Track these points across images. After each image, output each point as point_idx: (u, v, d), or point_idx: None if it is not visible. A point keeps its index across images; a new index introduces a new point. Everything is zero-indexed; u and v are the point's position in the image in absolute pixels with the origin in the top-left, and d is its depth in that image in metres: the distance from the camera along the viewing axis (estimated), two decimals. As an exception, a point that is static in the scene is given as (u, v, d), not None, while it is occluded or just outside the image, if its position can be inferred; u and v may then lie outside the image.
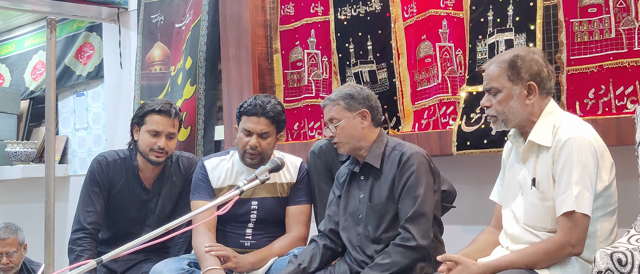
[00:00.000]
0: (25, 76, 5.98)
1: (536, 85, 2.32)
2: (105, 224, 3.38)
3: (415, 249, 2.57)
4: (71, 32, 5.62)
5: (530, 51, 2.36)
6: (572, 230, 2.15)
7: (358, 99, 2.76)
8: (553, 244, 2.20)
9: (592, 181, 2.18)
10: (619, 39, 2.72)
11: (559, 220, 2.19)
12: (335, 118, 2.76)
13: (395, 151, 2.71)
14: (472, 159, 3.13)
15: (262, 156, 3.05)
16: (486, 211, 2.64)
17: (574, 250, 2.17)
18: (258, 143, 3.03)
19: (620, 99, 2.75)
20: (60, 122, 5.83)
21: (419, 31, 3.39)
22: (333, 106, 2.77)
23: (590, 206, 2.17)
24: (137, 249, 2.16)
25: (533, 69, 2.32)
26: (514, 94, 2.32)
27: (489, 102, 2.38)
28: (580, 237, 2.16)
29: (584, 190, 2.16)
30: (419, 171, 2.62)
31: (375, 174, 2.73)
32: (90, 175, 3.33)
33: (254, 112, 3.03)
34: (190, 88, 4.51)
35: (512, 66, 2.32)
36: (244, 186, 2.43)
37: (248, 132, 3.04)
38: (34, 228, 3.71)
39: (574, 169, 2.17)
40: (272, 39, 4.13)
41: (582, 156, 2.18)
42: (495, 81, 2.35)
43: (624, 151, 2.57)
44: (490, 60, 2.49)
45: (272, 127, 3.06)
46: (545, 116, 2.32)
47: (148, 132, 3.24)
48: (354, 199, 2.79)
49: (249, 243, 3.14)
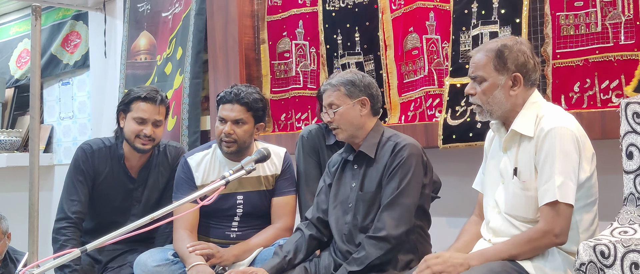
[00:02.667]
0: (10, 64, 5.93)
1: (521, 76, 2.32)
2: (90, 214, 3.35)
3: (386, 240, 2.56)
4: (57, 21, 5.57)
5: (518, 41, 2.36)
6: (555, 219, 2.16)
7: (359, 86, 2.73)
8: (535, 233, 2.20)
9: (575, 171, 2.19)
10: (605, 32, 2.73)
11: (542, 210, 2.19)
12: (335, 104, 2.72)
13: (390, 141, 2.69)
14: (457, 151, 3.14)
15: (238, 144, 3.03)
16: (471, 203, 2.65)
17: (557, 240, 2.17)
18: (232, 130, 3.01)
19: (605, 93, 2.76)
20: (45, 110, 5.79)
21: (407, 23, 3.39)
22: (333, 91, 2.74)
23: (573, 196, 2.17)
24: (121, 239, 2.13)
25: (519, 60, 2.32)
26: (499, 84, 2.33)
27: (473, 89, 2.38)
28: (564, 226, 2.17)
29: (567, 180, 2.17)
30: (408, 161, 2.61)
31: (369, 163, 2.71)
32: (75, 163, 3.30)
33: (228, 100, 3.03)
34: (179, 78, 4.49)
35: (498, 56, 2.33)
36: (229, 176, 2.42)
37: (222, 119, 3.03)
38: (19, 217, 3.69)
39: (557, 158, 2.18)
40: (260, 29, 4.12)
41: (565, 146, 2.19)
42: (481, 69, 2.35)
43: (609, 145, 2.58)
44: (477, 47, 2.49)
45: (247, 114, 3.03)
46: (529, 106, 2.33)
47: (134, 120, 3.21)
48: (345, 187, 2.77)
49: (235, 234, 3.13)
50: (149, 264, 2.97)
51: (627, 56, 2.69)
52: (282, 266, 2.75)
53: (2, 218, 3.75)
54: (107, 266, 3.30)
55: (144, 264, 2.97)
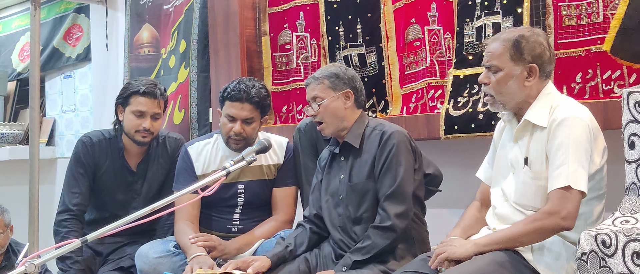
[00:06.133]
0: (13, 57, 5.93)
1: (537, 67, 2.30)
2: (91, 207, 3.36)
3: (391, 229, 2.57)
4: (59, 14, 5.57)
5: (535, 32, 2.35)
6: (563, 202, 2.13)
7: (343, 79, 2.74)
8: (541, 213, 2.17)
9: (588, 161, 2.18)
10: (606, 23, 2.71)
11: (551, 194, 2.16)
12: (319, 97, 2.73)
13: (375, 131, 2.69)
14: (459, 143, 3.13)
15: (247, 141, 3.02)
16: (472, 195, 2.65)
17: (563, 223, 2.13)
18: (242, 129, 3.00)
19: (607, 83, 2.75)
20: (47, 104, 5.79)
21: (408, 14, 3.38)
22: (317, 85, 2.75)
23: (585, 184, 2.14)
24: (122, 231, 2.14)
25: (536, 51, 2.30)
26: (514, 75, 2.31)
27: (487, 79, 2.36)
28: (571, 210, 2.13)
29: (579, 168, 2.14)
30: (398, 149, 2.61)
31: (355, 154, 2.72)
32: (75, 156, 3.30)
33: (238, 98, 2.99)
34: (184, 71, 4.49)
35: (515, 46, 2.31)
36: (230, 166, 2.42)
37: (232, 118, 3.01)
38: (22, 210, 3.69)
39: (570, 146, 2.16)
40: (261, 21, 4.11)
41: (578, 135, 2.17)
42: (497, 58, 2.33)
43: (611, 135, 2.57)
44: (493, 36, 2.47)
45: (256, 112, 3.03)
46: (542, 98, 2.31)
47: (133, 113, 3.20)
48: (335, 180, 2.78)
49: (237, 228, 3.13)
50: (151, 256, 2.97)
51: (629, 46, 2.67)
52: (284, 255, 2.76)
53: (4, 211, 3.75)
54: (107, 258, 3.30)
55: (146, 256, 2.98)
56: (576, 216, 2.15)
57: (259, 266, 2.67)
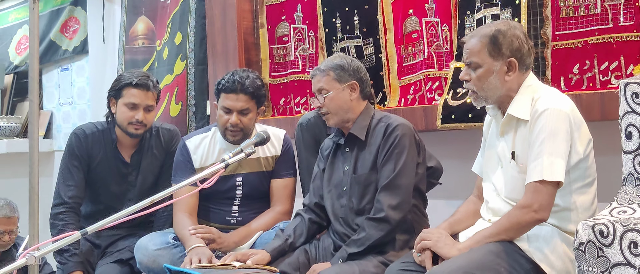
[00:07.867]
0: (10, 50, 5.92)
1: (516, 61, 2.32)
2: (87, 200, 3.35)
3: (385, 221, 2.57)
4: (55, 7, 5.55)
5: (511, 26, 2.35)
6: (535, 195, 2.16)
7: (348, 71, 2.74)
8: (515, 209, 2.22)
9: (566, 151, 2.19)
10: (604, 14, 2.72)
11: (526, 187, 2.20)
12: (325, 89, 2.74)
13: (381, 123, 2.70)
14: (457, 134, 3.14)
15: (244, 132, 3.03)
16: (470, 186, 2.66)
17: (536, 215, 2.16)
18: (239, 120, 3.00)
19: (604, 75, 2.76)
20: (44, 97, 5.78)
21: (406, 6, 3.38)
22: (322, 76, 2.75)
23: (561, 173, 2.16)
24: (120, 223, 2.13)
25: (514, 45, 2.32)
26: (494, 70, 2.32)
27: (468, 75, 2.38)
28: (543, 203, 2.16)
29: (555, 158, 2.16)
30: (402, 141, 2.62)
31: (360, 146, 2.72)
32: (69, 149, 3.30)
33: (232, 89, 2.99)
34: (180, 63, 4.48)
35: (493, 42, 2.32)
36: (229, 158, 2.42)
37: (227, 109, 3.01)
38: (19, 203, 3.69)
39: (547, 139, 2.17)
40: (258, 13, 4.10)
41: (556, 126, 2.18)
42: (476, 55, 2.34)
43: (608, 126, 2.58)
44: (470, 33, 2.48)
45: (252, 102, 3.03)
46: (524, 91, 2.33)
47: (126, 105, 3.20)
48: (338, 171, 2.78)
49: (235, 220, 3.13)
50: (150, 248, 2.98)
51: (627, 37, 2.68)
52: (284, 248, 2.76)
53: (15, 208, 3.72)
54: (106, 251, 3.30)
55: (145, 248, 2.98)
56: (550, 206, 2.18)
57: (258, 260, 2.67)
